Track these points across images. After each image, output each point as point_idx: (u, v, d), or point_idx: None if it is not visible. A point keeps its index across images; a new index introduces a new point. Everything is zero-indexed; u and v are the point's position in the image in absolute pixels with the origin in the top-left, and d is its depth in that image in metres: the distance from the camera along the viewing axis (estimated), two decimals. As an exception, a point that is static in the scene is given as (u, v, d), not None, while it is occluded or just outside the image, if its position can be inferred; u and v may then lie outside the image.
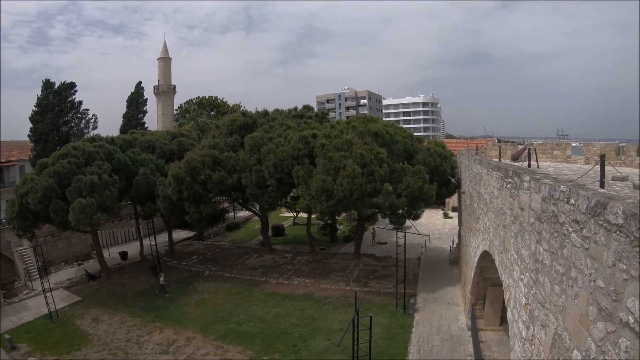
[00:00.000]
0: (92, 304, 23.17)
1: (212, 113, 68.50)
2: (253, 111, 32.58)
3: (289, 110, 32.27)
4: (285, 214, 42.87)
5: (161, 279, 24.43)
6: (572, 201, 5.84)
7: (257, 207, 30.21)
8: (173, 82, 58.27)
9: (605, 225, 4.77)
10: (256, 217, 34.12)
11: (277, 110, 32.55)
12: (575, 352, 5.46)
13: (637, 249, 4.00)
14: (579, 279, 5.55)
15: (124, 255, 31.11)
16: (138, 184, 26.39)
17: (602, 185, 7.01)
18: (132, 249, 32.12)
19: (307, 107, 32.88)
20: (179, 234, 36.51)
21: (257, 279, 25.60)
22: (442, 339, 17.63)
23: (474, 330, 17.23)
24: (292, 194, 28.37)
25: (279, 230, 36.63)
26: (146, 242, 28.72)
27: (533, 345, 7.58)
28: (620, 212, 4.40)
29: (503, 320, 16.83)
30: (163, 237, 33.23)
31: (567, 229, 6.04)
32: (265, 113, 31.98)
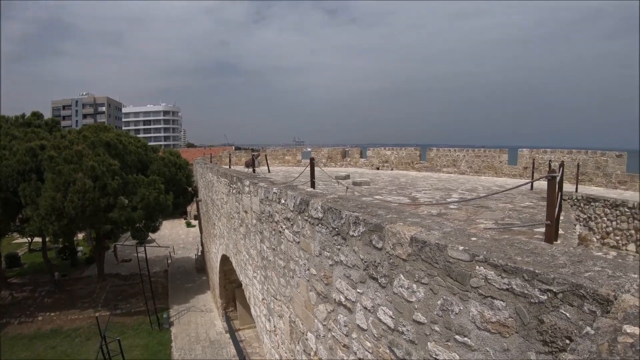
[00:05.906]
0: None
1: None
2: None
3: (16, 118, 28.23)
4: (19, 240, 35.33)
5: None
6: (283, 201, 6.35)
7: (-18, 235, 24.76)
8: None
9: (309, 220, 5.33)
10: (-15, 248, 27.67)
11: (2, 117, 27.63)
12: (309, 334, 5.98)
13: (335, 237, 4.59)
14: (297, 270, 6.09)
15: None
16: None
17: (312, 185, 7.69)
18: None
19: (35, 114, 29.32)
20: None
21: (-4, 322, 20.90)
22: (203, 347, 17.64)
23: (232, 331, 17.70)
24: (21, 215, 24.28)
25: (13, 260, 30.70)
26: None
27: (277, 335, 8.06)
28: (319, 207, 4.96)
29: (257, 318, 17.99)
30: None
31: (282, 227, 6.56)
32: (-12, 121, 26.19)
